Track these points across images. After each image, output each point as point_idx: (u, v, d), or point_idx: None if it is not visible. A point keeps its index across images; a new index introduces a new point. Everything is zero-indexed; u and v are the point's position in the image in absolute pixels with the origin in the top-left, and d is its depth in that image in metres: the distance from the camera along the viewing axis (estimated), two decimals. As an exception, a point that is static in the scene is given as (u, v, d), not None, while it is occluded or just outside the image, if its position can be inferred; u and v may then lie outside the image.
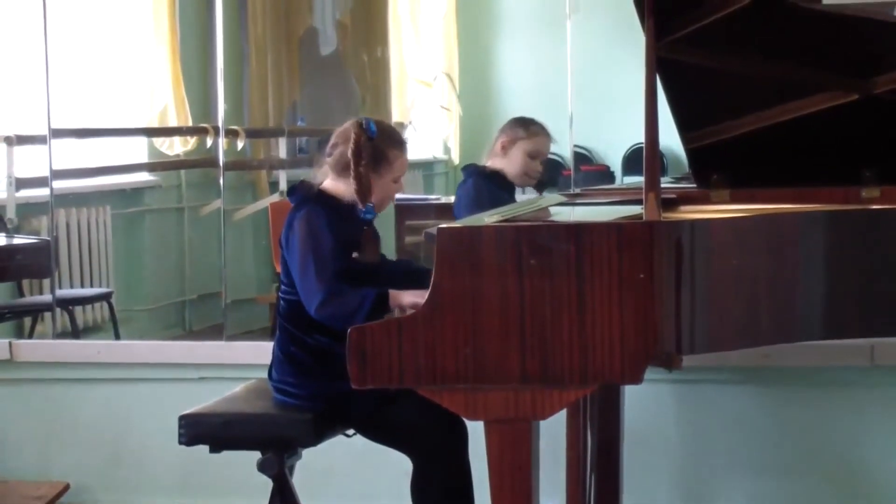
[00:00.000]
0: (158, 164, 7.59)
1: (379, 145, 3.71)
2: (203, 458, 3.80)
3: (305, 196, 3.73)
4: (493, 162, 4.97)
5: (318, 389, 3.66)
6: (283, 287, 3.74)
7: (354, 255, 3.68)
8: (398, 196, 4.06)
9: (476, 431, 3.14)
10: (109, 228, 7.03)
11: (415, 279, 3.70)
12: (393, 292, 3.54)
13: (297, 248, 3.61)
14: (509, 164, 4.92)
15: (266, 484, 3.72)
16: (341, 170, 3.72)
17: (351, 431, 3.76)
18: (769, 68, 3.74)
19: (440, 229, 3.03)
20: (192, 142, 7.57)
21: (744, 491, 4.68)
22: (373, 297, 3.52)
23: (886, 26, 3.69)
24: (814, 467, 4.64)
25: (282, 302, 3.75)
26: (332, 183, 3.76)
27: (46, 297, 5.97)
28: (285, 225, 3.69)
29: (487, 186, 4.89)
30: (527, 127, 4.96)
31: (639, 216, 3.14)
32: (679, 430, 4.71)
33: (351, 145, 3.67)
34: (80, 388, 5.07)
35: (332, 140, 3.77)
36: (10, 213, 6.22)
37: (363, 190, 3.67)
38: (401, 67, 8.52)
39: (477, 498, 3.62)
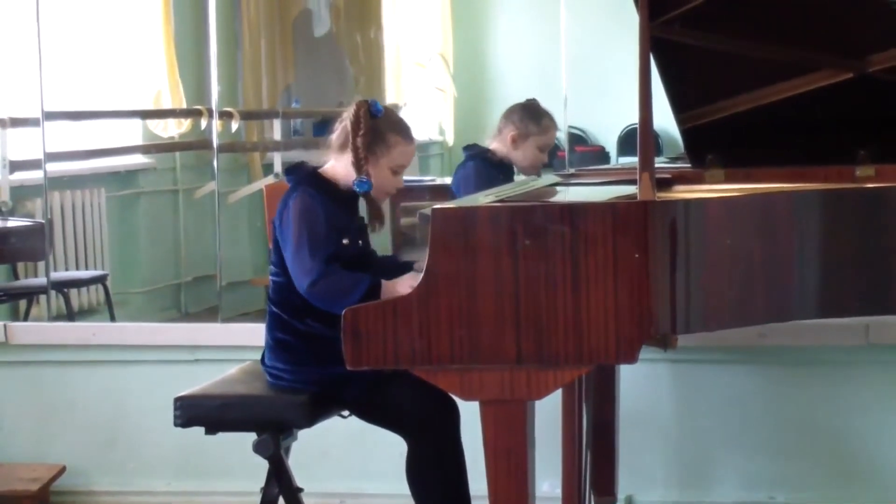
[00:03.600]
0: (153, 147, 7.58)
1: (381, 126, 3.69)
2: (198, 439, 3.80)
3: (302, 177, 3.72)
4: (497, 147, 4.97)
5: (311, 375, 3.66)
6: (272, 269, 3.73)
7: (345, 241, 3.65)
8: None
9: (472, 412, 3.14)
10: (104, 211, 7.02)
11: (402, 274, 3.68)
12: (387, 283, 3.48)
13: (292, 227, 3.59)
14: (520, 156, 4.96)
15: (262, 465, 3.72)
16: (341, 145, 3.70)
17: (346, 412, 3.76)
18: (764, 47, 3.73)
19: (435, 210, 3.03)
20: (186, 124, 7.55)
21: (739, 470, 4.69)
22: (367, 285, 3.46)
23: (879, 5, 3.68)
24: (809, 446, 4.65)
25: (272, 285, 3.74)
26: (332, 164, 3.74)
27: (41, 280, 5.96)
28: (280, 204, 3.68)
29: (487, 172, 4.90)
30: (538, 122, 4.96)
31: (633, 196, 3.14)
32: (675, 410, 4.71)
33: (351, 117, 3.67)
34: (75, 370, 5.07)
35: (340, 118, 3.77)
36: (4, 196, 6.20)
37: (358, 161, 3.65)
38: (395, 49, 8.51)
39: (472, 479, 3.63)
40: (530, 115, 4.97)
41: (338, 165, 3.73)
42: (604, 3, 7.18)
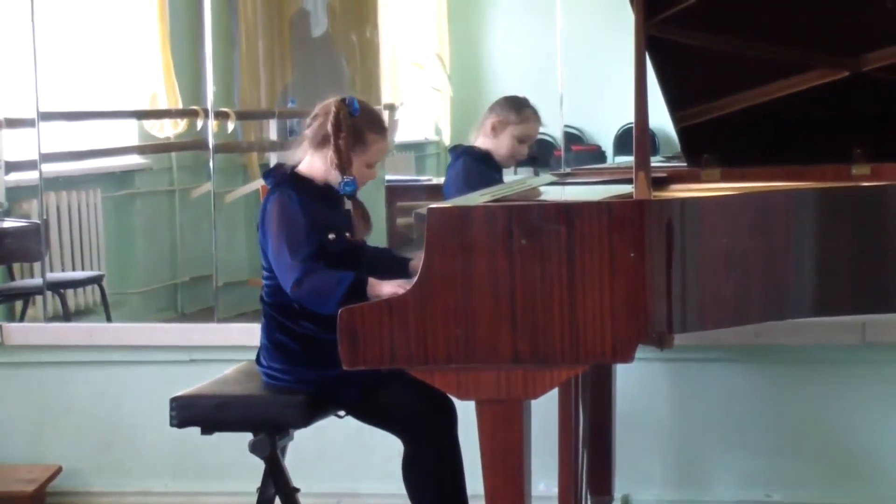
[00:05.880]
0: (149, 147, 7.57)
1: (359, 125, 3.67)
2: (195, 440, 3.80)
3: (280, 179, 3.70)
4: (481, 141, 4.97)
5: (307, 376, 3.65)
6: (264, 273, 3.72)
7: (331, 236, 3.64)
8: (389, 177, 4.04)
9: (469, 412, 3.13)
10: (100, 211, 7.01)
11: (396, 269, 3.68)
12: (372, 281, 3.47)
13: (271, 230, 3.59)
14: (497, 145, 4.92)
15: (258, 465, 3.72)
16: (318, 143, 3.68)
17: (342, 412, 3.75)
18: (759, 46, 3.73)
19: (430, 209, 3.03)
20: (182, 124, 7.55)
21: (736, 468, 4.68)
22: (350, 280, 3.45)
23: (874, 3, 3.68)
24: (806, 445, 4.65)
25: (265, 288, 3.73)
26: (309, 161, 3.72)
27: (37, 281, 5.95)
28: (260, 209, 3.68)
29: (478, 167, 4.89)
30: (519, 111, 4.94)
31: (629, 195, 3.14)
32: (671, 409, 4.71)
33: (331, 118, 3.65)
34: (71, 371, 5.06)
35: (313, 113, 3.75)
36: (0, 197, 6.20)
37: (342, 162, 3.64)
38: (392, 49, 8.50)
39: (468, 479, 3.62)
40: (512, 104, 4.96)
41: (315, 161, 3.71)
42: (600, 3, 7.17)
